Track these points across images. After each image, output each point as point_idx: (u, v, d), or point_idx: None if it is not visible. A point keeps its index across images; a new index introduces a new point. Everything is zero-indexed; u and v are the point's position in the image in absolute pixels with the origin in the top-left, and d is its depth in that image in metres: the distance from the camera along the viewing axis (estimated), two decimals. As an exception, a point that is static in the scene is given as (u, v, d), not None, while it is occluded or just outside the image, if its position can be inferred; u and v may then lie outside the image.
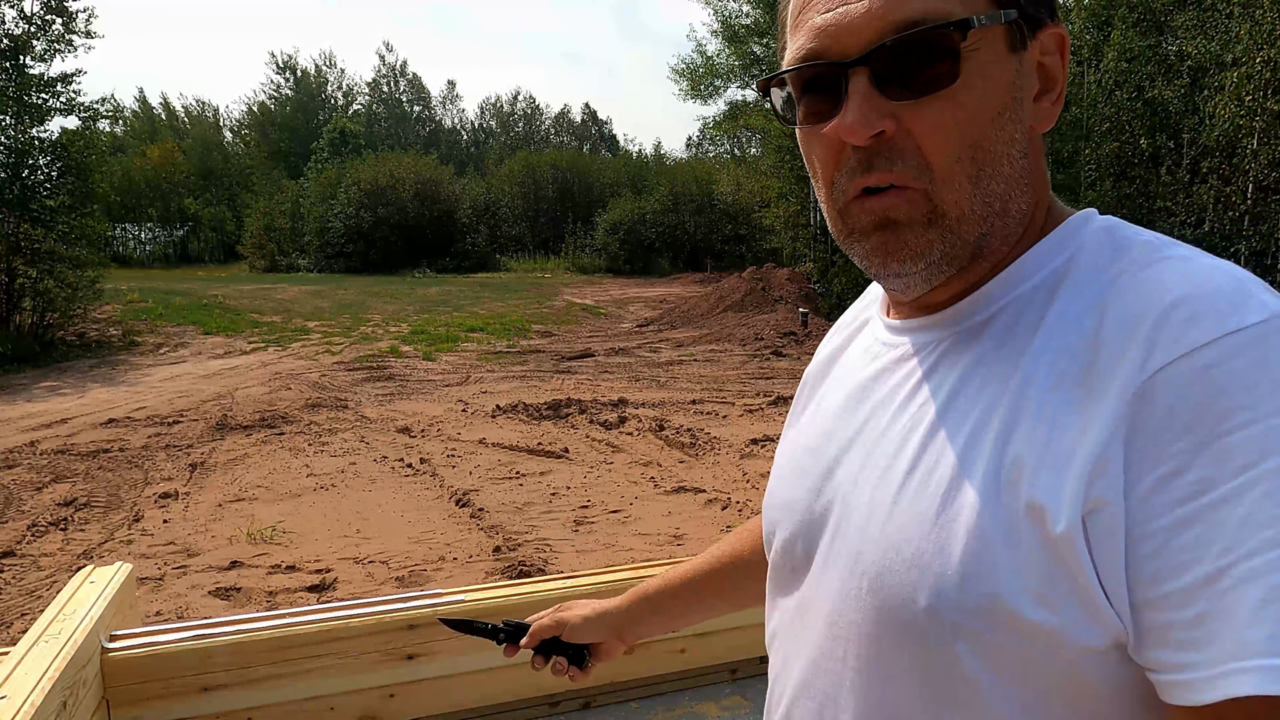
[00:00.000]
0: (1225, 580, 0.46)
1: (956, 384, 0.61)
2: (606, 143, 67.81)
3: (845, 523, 0.65)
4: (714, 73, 29.05)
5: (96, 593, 2.12)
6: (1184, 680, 0.48)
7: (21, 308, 14.72)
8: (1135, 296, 0.54)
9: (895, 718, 0.60)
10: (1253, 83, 13.65)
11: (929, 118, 0.57)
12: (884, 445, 0.64)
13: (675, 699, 2.60)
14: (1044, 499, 0.52)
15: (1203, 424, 0.48)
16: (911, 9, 0.56)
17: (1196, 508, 0.47)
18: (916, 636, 0.57)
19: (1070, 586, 0.51)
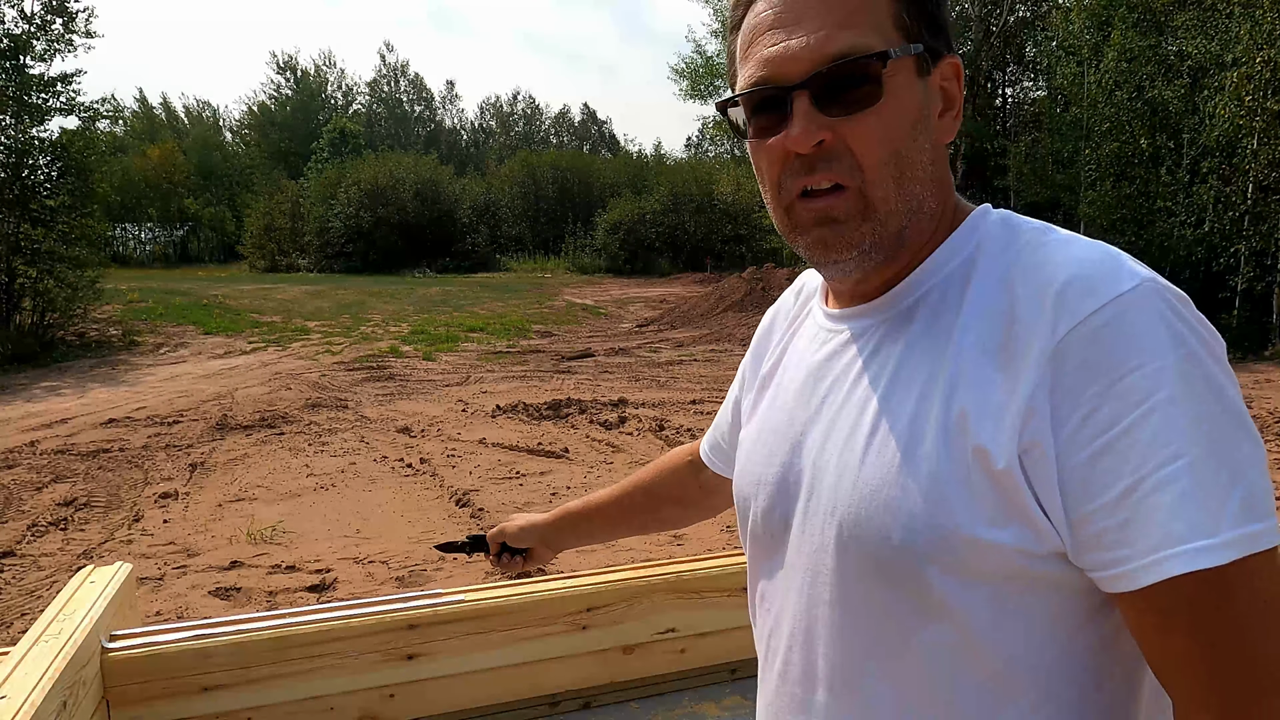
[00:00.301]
0: (1141, 489, 0.59)
1: (900, 358, 0.72)
2: (606, 143, 67.81)
3: (818, 486, 0.75)
4: (714, 72, 29.05)
5: (96, 593, 2.12)
6: (1121, 572, 0.61)
7: (21, 308, 14.72)
8: (1035, 275, 0.67)
9: (883, 641, 0.71)
10: (1253, 83, 13.64)
11: (859, 129, 0.70)
12: (844, 416, 0.75)
13: (675, 699, 2.60)
14: (987, 443, 0.64)
15: (1105, 373, 0.61)
16: (841, 43, 0.68)
17: (1110, 438, 0.61)
18: (894, 568, 0.69)
19: (1014, 510, 0.64)
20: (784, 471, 0.80)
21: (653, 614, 2.56)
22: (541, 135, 68.34)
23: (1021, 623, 0.67)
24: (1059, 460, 0.63)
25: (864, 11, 0.69)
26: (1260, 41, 13.42)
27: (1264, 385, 11.13)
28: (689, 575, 2.60)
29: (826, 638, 0.75)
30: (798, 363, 0.85)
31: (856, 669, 0.73)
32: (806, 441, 0.78)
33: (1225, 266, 14.95)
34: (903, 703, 0.71)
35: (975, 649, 0.68)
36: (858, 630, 0.73)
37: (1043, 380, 0.63)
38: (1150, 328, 0.62)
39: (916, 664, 0.70)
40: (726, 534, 5.45)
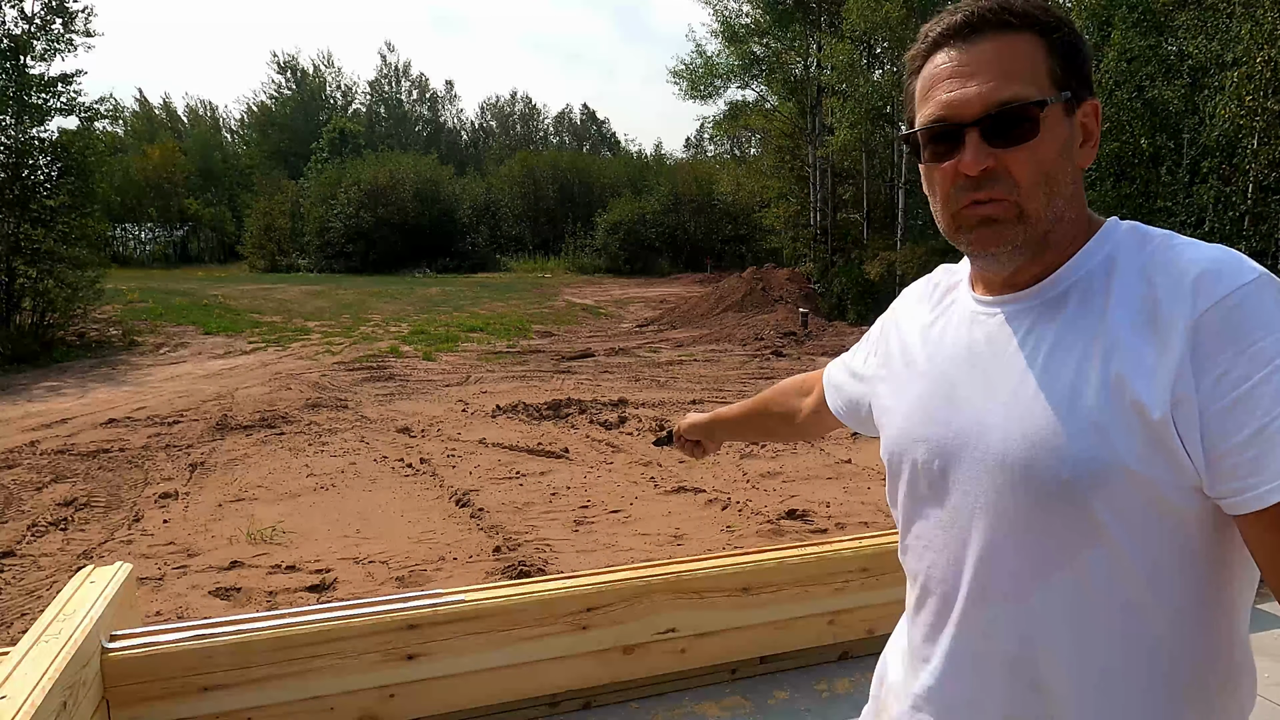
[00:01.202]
0: (1269, 430, 0.76)
1: (1056, 334, 0.89)
2: (606, 143, 67.79)
3: (982, 440, 0.92)
4: (714, 73, 29.02)
5: (96, 593, 2.12)
6: (1255, 494, 0.77)
7: (21, 308, 14.72)
8: (1172, 267, 0.84)
9: (1050, 561, 0.88)
10: (1253, 83, 13.64)
11: (1018, 157, 0.89)
12: (1006, 381, 0.91)
13: (675, 699, 2.60)
14: (1144, 398, 0.81)
15: (1237, 341, 0.78)
16: (1006, 92, 0.88)
17: (1242, 391, 0.77)
18: (1062, 502, 0.85)
19: (1163, 450, 0.81)
20: (944, 430, 0.97)
21: (653, 614, 2.56)
22: (541, 135, 68.33)
23: (1159, 540, 0.84)
24: (1201, 410, 0.79)
25: (1026, 67, 0.89)
26: (1260, 41, 13.41)
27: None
28: (689, 575, 2.60)
29: (1003, 564, 0.91)
30: (953, 341, 1.01)
31: (1026, 586, 0.90)
32: (966, 406, 0.95)
33: (1225, 266, 14.94)
34: (1065, 609, 0.88)
35: (1125, 564, 0.85)
36: (1028, 554, 0.89)
37: (1186, 348, 0.80)
38: (1269, 308, 0.79)
39: (1077, 578, 0.87)
40: (726, 534, 5.45)
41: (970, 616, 0.95)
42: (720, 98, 29.85)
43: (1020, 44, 0.89)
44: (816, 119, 25.89)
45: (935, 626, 1.00)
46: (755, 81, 28.71)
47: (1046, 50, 0.90)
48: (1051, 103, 0.88)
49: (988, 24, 0.89)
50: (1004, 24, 0.89)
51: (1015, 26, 0.89)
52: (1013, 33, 0.89)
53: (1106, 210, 14.53)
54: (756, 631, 2.71)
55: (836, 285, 21.12)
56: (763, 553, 2.75)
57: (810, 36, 26.14)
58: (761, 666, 2.76)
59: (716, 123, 33.19)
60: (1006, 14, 0.89)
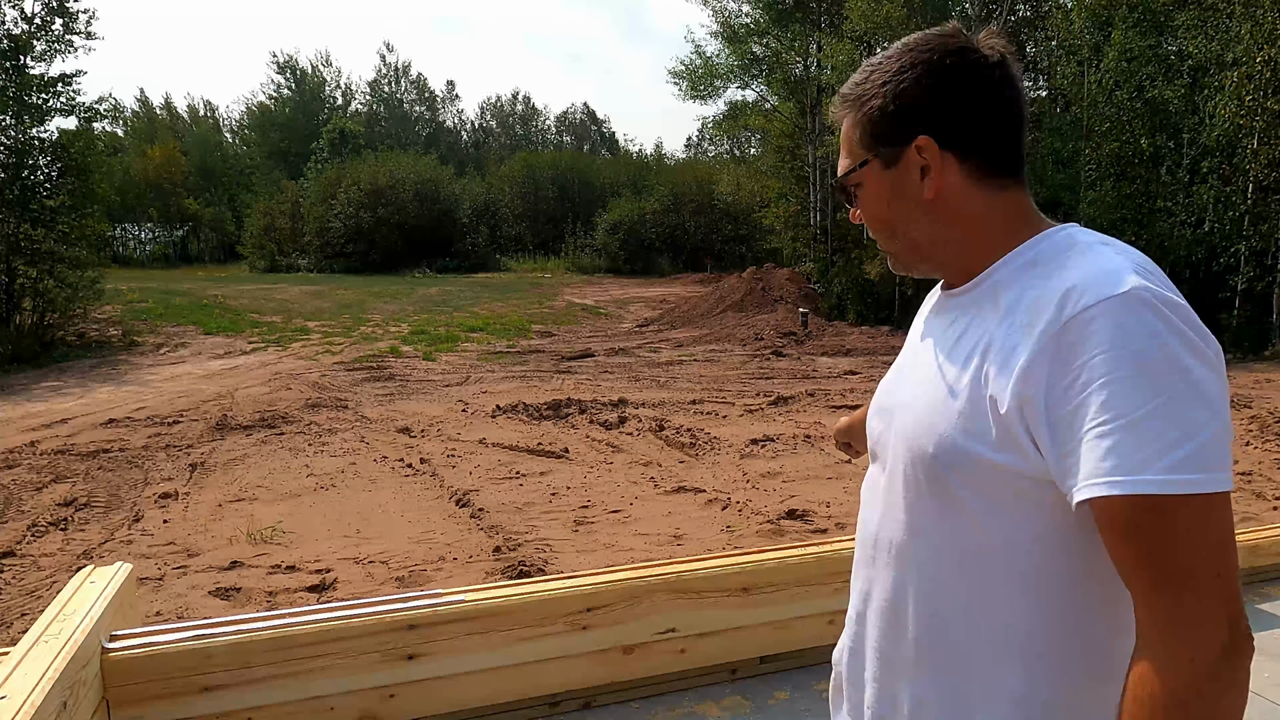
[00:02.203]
0: (1088, 438, 0.84)
1: (964, 327, 1.02)
2: (606, 143, 67.76)
3: (903, 414, 1.07)
4: (714, 73, 29.01)
5: (96, 593, 2.12)
6: (1070, 493, 0.87)
7: (22, 308, 14.71)
8: (1061, 275, 0.93)
9: (923, 526, 1.03)
10: (1253, 83, 13.63)
11: (862, 212, 1.12)
12: (924, 366, 1.06)
13: (675, 699, 2.60)
14: (997, 392, 0.92)
15: (1085, 352, 0.85)
16: (841, 167, 1.11)
17: (1080, 399, 0.85)
18: (931, 475, 0.99)
19: (1013, 441, 0.91)
20: (887, 402, 1.14)
21: (653, 614, 2.56)
22: (541, 135, 68.30)
23: (1013, 520, 0.95)
24: (1048, 411, 0.87)
25: (847, 144, 1.10)
26: (1260, 41, 13.41)
27: (1264, 385, 11.13)
28: (689, 575, 2.60)
29: (896, 519, 1.07)
30: (921, 326, 1.17)
31: (906, 543, 1.05)
32: (902, 383, 1.12)
33: (1225, 266, 14.94)
34: (932, 567, 1.02)
35: (981, 536, 0.97)
36: (910, 516, 1.04)
37: (1043, 353, 0.88)
38: (1124, 323, 0.85)
39: (942, 543, 1.01)
40: (726, 534, 5.45)
41: (873, 560, 1.12)
42: (720, 98, 29.85)
43: (849, 123, 1.09)
44: (816, 119, 25.87)
45: (859, 563, 1.18)
46: (755, 81, 28.71)
47: (854, 122, 1.08)
48: (856, 169, 1.07)
49: (841, 105, 1.10)
50: (845, 108, 1.09)
51: (844, 108, 1.09)
52: (846, 115, 1.09)
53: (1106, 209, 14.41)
54: (756, 631, 2.71)
55: (836, 285, 21.10)
56: (763, 553, 2.75)
57: (810, 36, 26.14)
58: (761, 666, 2.76)
59: (716, 123, 33.19)
60: (846, 100, 1.09)
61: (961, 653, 1.00)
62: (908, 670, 1.06)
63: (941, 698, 1.02)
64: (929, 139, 1.02)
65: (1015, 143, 1.03)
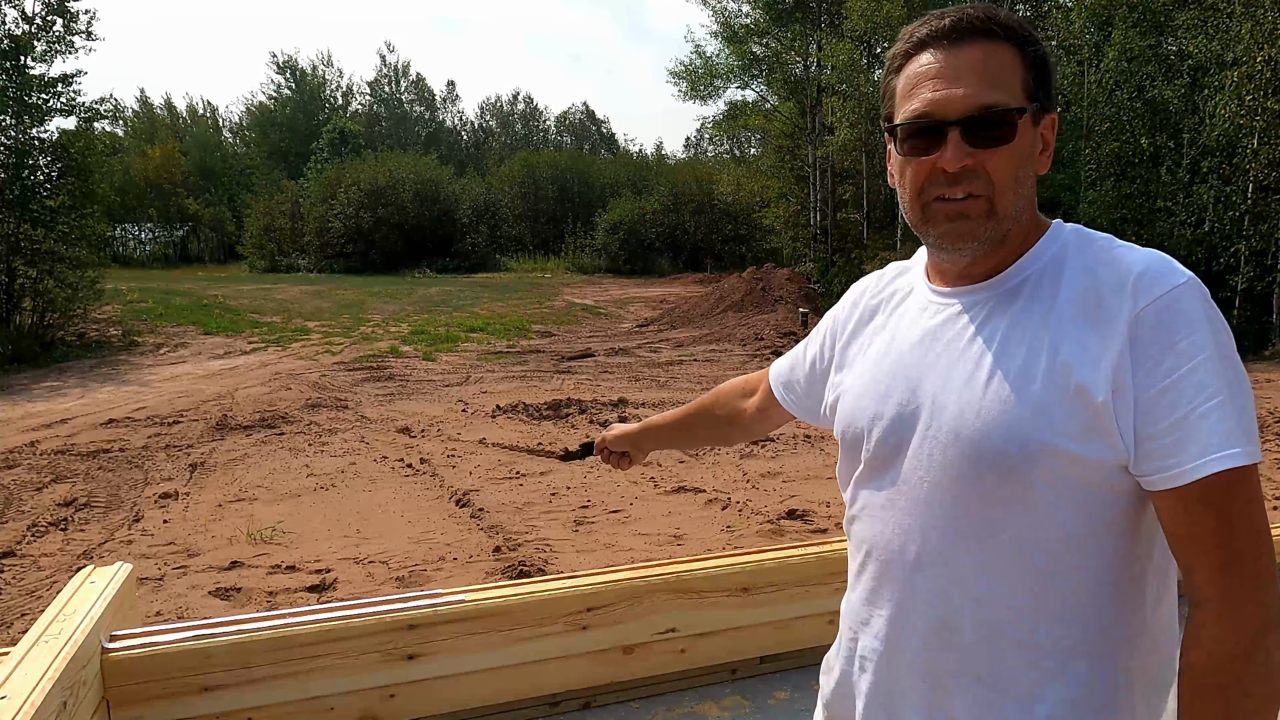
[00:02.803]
0: (1191, 418, 0.87)
1: (1010, 323, 0.99)
2: (606, 143, 67.75)
3: (939, 417, 1.00)
4: (714, 73, 29.02)
5: (96, 593, 2.12)
6: (1177, 472, 0.88)
7: (21, 308, 14.71)
8: (1115, 267, 0.95)
9: (987, 528, 0.97)
10: (1253, 82, 13.63)
11: (996, 158, 0.97)
12: (962, 365, 1.00)
13: (675, 699, 2.60)
14: (1087, 382, 0.91)
15: (1169, 336, 0.89)
16: (989, 98, 0.96)
17: (1171, 381, 0.88)
18: (1005, 473, 0.94)
19: (1100, 430, 0.91)
20: (901, 408, 1.04)
21: (653, 614, 2.56)
22: (541, 135, 68.29)
23: (1083, 512, 0.94)
24: (1135, 395, 0.89)
25: (1006, 76, 0.98)
26: (1261, 40, 13.41)
27: (1264, 385, 11.13)
28: (689, 575, 2.60)
29: (940, 530, 1.00)
30: (909, 326, 1.10)
31: (961, 549, 0.99)
32: (924, 384, 1.03)
33: (1225, 266, 14.93)
34: (992, 572, 0.98)
35: (1049, 531, 0.95)
36: (967, 521, 0.98)
37: (1126, 340, 0.90)
38: (1196, 310, 0.90)
39: (1007, 542, 0.96)
40: (726, 534, 5.45)
41: (909, 581, 1.04)
42: (720, 98, 29.87)
43: (1002, 53, 0.98)
44: (816, 119, 25.89)
45: (876, 591, 1.09)
46: (755, 81, 28.72)
47: (1023, 63, 0.99)
48: (1025, 111, 0.98)
49: (974, 31, 0.97)
50: (988, 33, 0.97)
51: (998, 36, 0.98)
52: (995, 42, 0.98)
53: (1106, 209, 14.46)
54: (756, 631, 2.71)
55: (836, 285, 21.10)
56: (763, 553, 2.75)
57: (810, 36, 26.15)
58: (761, 666, 2.76)
59: (716, 123, 33.24)
60: (991, 24, 0.97)
61: (1028, 654, 0.97)
62: (966, 687, 1.00)
63: (1001, 702, 0.99)
64: (1056, 118, 1.04)
65: None
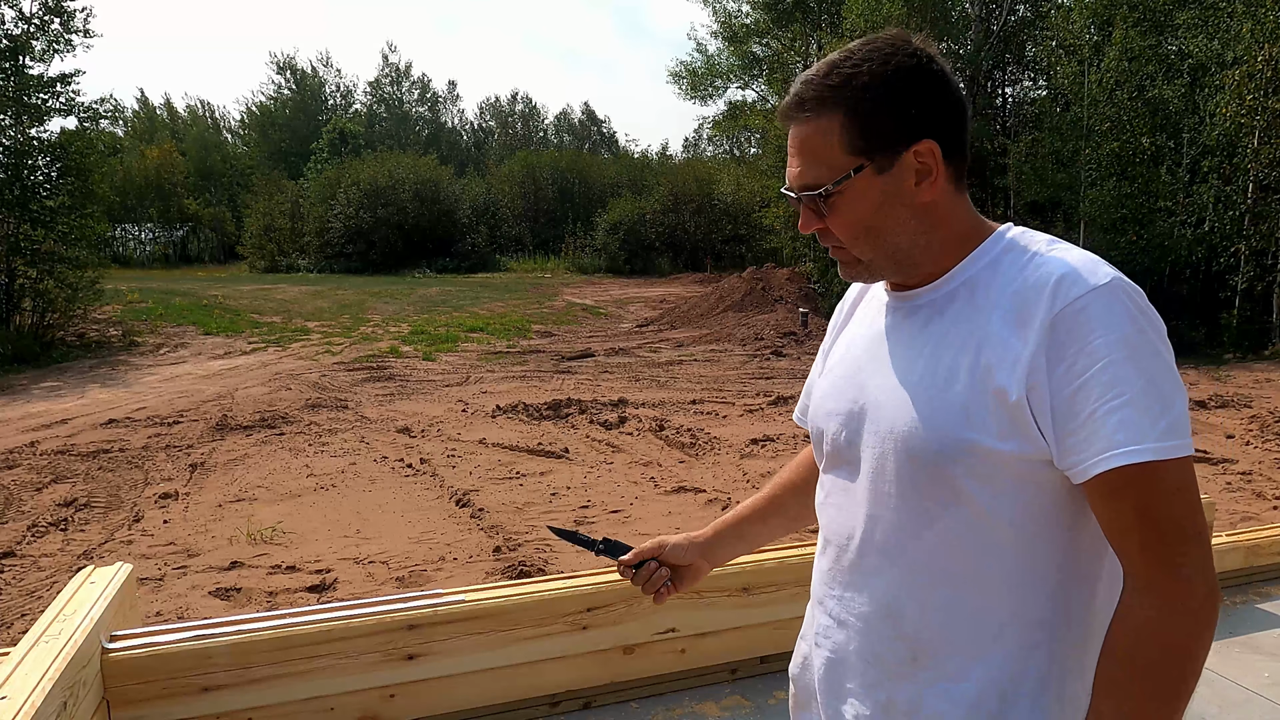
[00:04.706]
0: (1097, 415, 0.92)
1: (945, 326, 1.05)
2: (606, 143, 67.73)
3: (878, 414, 1.07)
4: (714, 73, 29.02)
5: (96, 593, 2.12)
6: (1084, 468, 0.93)
7: (21, 308, 14.70)
8: (1040, 270, 0.99)
9: (922, 519, 1.03)
10: (1254, 81, 13.63)
11: (834, 222, 1.07)
12: (900, 364, 1.07)
13: (675, 699, 2.60)
14: (1004, 384, 0.96)
15: (1081, 338, 0.93)
16: (808, 178, 1.05)
17: (1081, 381, 0.93)
18: (933, 470, 1.01)
19: (1017, 429, 0.96)
20: (851, 405, 1.12)
21: (653, 614, 2.56)
22: (541, 135, 68.26)
23: (1015, 504, 0.99)
24: (1051, 395, 0.94)
25: (823, 152, 1.03)
26: (1262, 39, 13.40)
27: (1264, 385, 11.12)
28: (689, 575, 2.60)
29: (884, 520, 1.07)
30: (866, 327, 1.17)
31: (900, 542, 1.05)
32: (870, 383, 1.10)
33: (1225, 266, 14.93)
34: (932, 562, 1.03)
35: (985, 523, 1.00)
36: (905, 514, 1.04)
37: (1042, 342, 0.94)
38: (1112, 310, 0.93)
39: (942, 536, 1.02)
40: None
41: (858, 566, 1.11)
42: (720, 98, 29.86)
43: (820, 128, 1.02)
44: (816, 119, 25.85)
45: (832, 573, 1.16)
46: (755, 81, 28.72)
47: (843, 126, 1.01)
48: (834, 188, 1.02)
49: (800, 107, 1.03)
50: (807, 111, 1.03)
51: (816, 111, 1.02)
52: (820, 114, 1.02)
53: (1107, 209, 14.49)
54: (756, 631, 2.71)
55: (836, 285, 21.08)
56: (763, 553, 2.75)
57: (810, 36, 26.14)
58: (761, 666, 2.76)
59: (716, 123, 33.22)
60: (808, 103, 1.02)
61: (964, 638, 1.03)
62: (904, 669, 1.06)
63: (945, 687, 1.03)
64: (933, 143, 1.03)
65: (967, 144, 1.09)
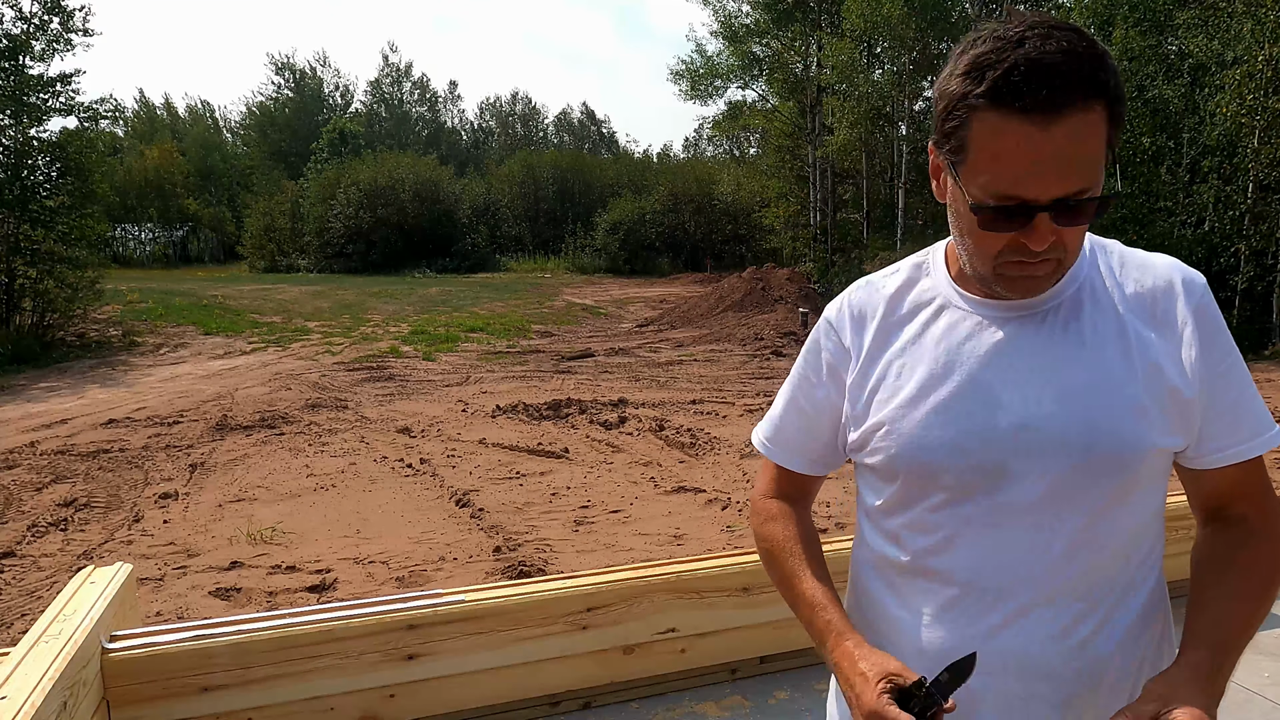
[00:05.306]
0: (1241, 403, 1.02)
1: (1087, 330, 1.03)
2: (606, 143, 67.75)
3: (1040, 432, 1.00)
4: (714, 73, 29.02)
5: (97, 593, 2.12)
6: (1239, 450, 1.03)
7: (21, 308, 14.71)
8: (1153, 271, 1.05)
9: (1102, 527, 1.02)
10: (1254, 81, 13.62)
11: (1074, 233, 0.95)
12: (1051, 373, 1.02)
13: (675, 699, 2.60)
14: (1177, 382, 1.00)
15: (1213, 334, 1.02)
16: (1081, 182, 0.90)
17: (1220, 372, 1.02)
18: (1118, 476, 1.00)
19: (1186, 423, 1.01)
20: (987, 427, 1.02)
21: (653, 614, 2.56)
22: (541, 135, 68.27)
23: (1160, 494, 1.06)
24: (1208, 388, 1.01)
25: (1095, 153, 0.90)
26: (1262, 39, 13.40)
27: (1264, 385, 11.12)
28: (689, 575, 2.60)
29: (1059, 539, 1.01)
30: (967, 341, 1.06)
31: (1073, 557, 1.02)
32: (1011, 399, 1.02)
33: (1225, 266, 14.93)
34: (1097, 571, 1.03)
35: (1139, 517, 1.04)
36: (1076, 528, 1.01)
37: (1190, 340, 1.00)
38: (1216, 306, 1.04)
39: (1108, 531, 1.02)
40: (726, 534, 5.45)
41: (1021, 598, 1.03)
42: (721, 98, 29.87)
43: (1094, 121, 0.88)
44: (816, 119, 25.88)
45: (977, 618, 1.04)
46: (755, 81, 28.73)
47: (1108, 125, 0.90)
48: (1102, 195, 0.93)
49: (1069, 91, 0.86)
50: (1084, 93, 0.87)
51: (1093, 94, 0.87)
52: (1090, 105, 0.87)
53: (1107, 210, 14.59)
54: (756, 631, 2.71)
55: (836, 285, 21.11)
56: (763, 552, 2.74)
57: (810, 36, 26.15)
58: (761, 666, 2.76)
59: (716, 122, 33.22)
60: (1085, 87, 0.87)
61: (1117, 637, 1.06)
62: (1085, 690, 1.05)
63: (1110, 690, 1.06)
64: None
65: None
